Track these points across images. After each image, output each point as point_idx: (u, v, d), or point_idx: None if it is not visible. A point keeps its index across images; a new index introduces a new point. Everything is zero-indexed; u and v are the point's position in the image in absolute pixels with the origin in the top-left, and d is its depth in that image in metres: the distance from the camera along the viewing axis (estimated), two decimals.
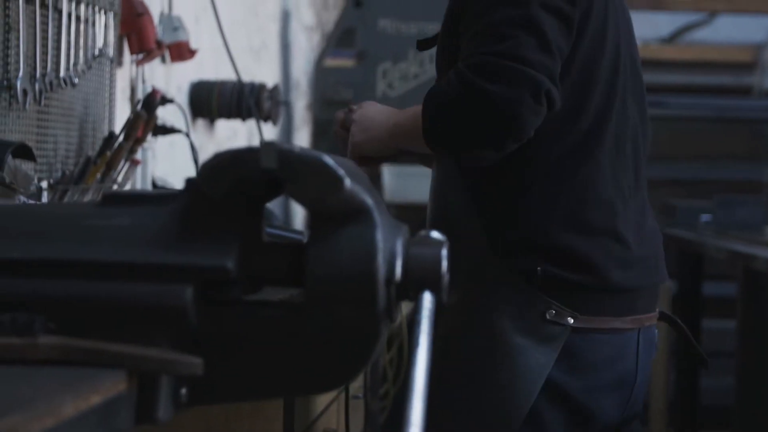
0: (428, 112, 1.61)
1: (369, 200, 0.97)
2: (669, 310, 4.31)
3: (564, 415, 1.67)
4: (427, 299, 0.98)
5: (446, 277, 1.00)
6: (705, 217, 4.09)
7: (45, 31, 2.20)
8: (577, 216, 1.66)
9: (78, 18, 2.33)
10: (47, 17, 2.20)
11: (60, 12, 2.24)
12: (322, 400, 1.87)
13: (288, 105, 4.28)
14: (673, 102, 5.21)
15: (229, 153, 0.96)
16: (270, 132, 3.92)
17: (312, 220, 0.98)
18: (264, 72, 4.04)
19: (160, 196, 1.01)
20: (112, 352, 0.91)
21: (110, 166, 2.43)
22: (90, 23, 2.39)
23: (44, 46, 2.20)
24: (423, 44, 1.85)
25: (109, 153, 2.43)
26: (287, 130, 4.44)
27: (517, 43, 1.55)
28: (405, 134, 1.70)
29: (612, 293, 1.67)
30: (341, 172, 0.95)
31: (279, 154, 0.94)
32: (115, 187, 2.40)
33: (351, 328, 0.96)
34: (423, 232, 1.02)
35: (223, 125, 3.58)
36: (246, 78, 3.36)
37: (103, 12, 2.46)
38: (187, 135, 2.79)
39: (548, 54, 1.56)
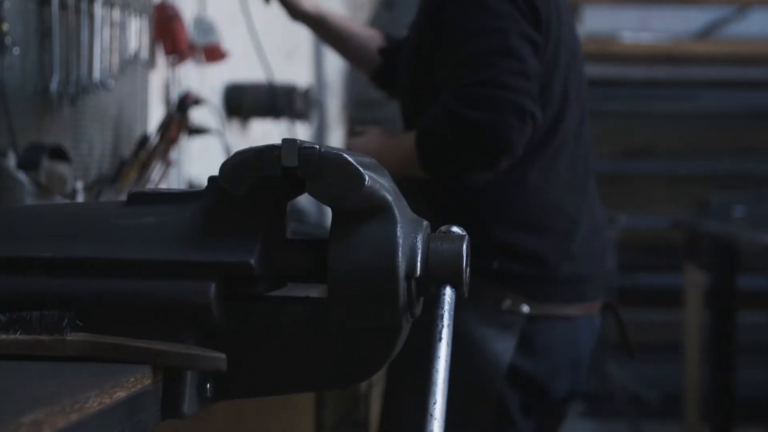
0: (424, 147, 1.75)
1: (389, 197, 0.98)
2: (703, 304, 4.29)
3: (521, 396, 1.83)
4: (448, 294, 0.99)
5: (467, 272, 1.01)
6: (739, 211, 4.07)
7: (79, 35, 2.24)
8: (528, 217, 1.83)
9: (112, 22, 2.36)
10: (81, 22, 2.23)
11: (94, 16, 2.28)
12: (354, 393, 1.89)
13: (321, 105, 4.30)
14: (706, 96, 5.18)
15: (251, 151, 0.98)
16: (304, 132, 3.95)
17: (333, 217, 0.99)
18: (297, 72, 4.06)
19: (184, 194, 1.02)
20: (137, 348, 0.93)
21: (145, 167, 2.46)
22: (124, 27, 2.43)
23: (78, 50, 2.23)
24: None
25: (143, 154, 2.46)
26: (321, 130, 4.46)
27: (500, 71, 1.69)
28: (401, 165, 1.79)
29: (562, 283, 1.84)
30: (361, 169, 0.96)
31: (300, 151, 0.96)
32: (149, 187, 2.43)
33: (372, 324, 0.97)
34: (444, 228, 1.03)
35: (257, 125, 3.60)
36: (279, 79, 3.38)
37: (136, 16, 2.49)
38: (220, 135, 2.82)
39: (527, 78, 1.72)
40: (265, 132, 3.64)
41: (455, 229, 1.03)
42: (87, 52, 2.26)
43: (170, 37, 2.74)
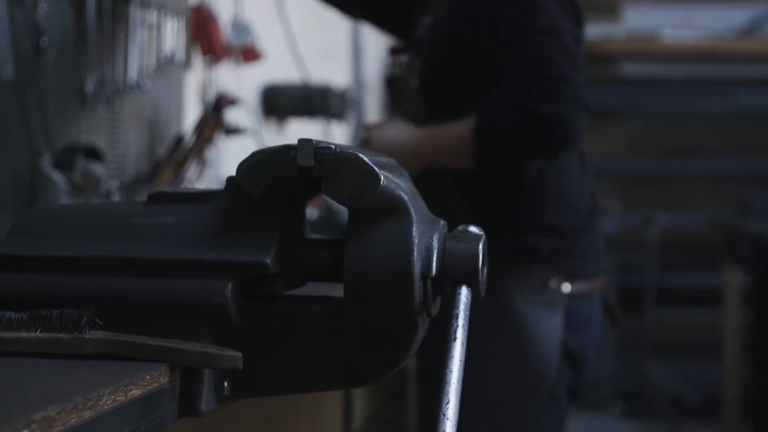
0: (487, 138, 1.84)
1: (404, 197, 0.98)
2: (743, 304, 4.24)
3: (568, 375, 1.94)
4: (464, 294, 1.00)
5: (484, 271, 1.01)
6: None
7: (115, 37, 2.26)
8: (566, 201, 1.98)
9: (147, 24, 2.39)
10: (117, 24, 2.26)
11: (130, 19, 2.30)
12: (384, 393, 1.89)
13: (359, 105, 4.31)
14: (747, 95, 5.13)
15: (267, 151, 0.98)
16: (342, 132, 3.96)
17: (349, 217, 0.99)
18: (336, 72, 4.08)
19: (203, 194, 1.03)
20: (155, 347, 0.94)
21: (180, 167, 2.49)
22: (159, 29, 2.45)
23: (114, 52, 2.26)
24: (395, 51, 2.19)
25: (178, 154, 2.48)
26: (359, 130, 4.47)
27: (562, 67, 1.82)
28: (438, 154, 1.91)
29: (590, 259, 2.00)
30: (377, 169, 0.97)
31: (316, 151, 0.96)
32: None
33: (388, 323, 0.98)
34: (461, 227, 1.03)
35: (294, 126, 3.62)
36: (317, 79, 3.40)
37: (172, 17, 2.51)
38: (256, 135, 2.84)
39: (580, 73, 1.86)
40: (302, 132, 3.66)
41: (472, 228, 1.03)
42: (122, 53, 2.29)
43: (206, 38, 2.77)
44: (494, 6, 1.87)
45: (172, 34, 2.52)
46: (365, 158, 0.96)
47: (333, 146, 0.97)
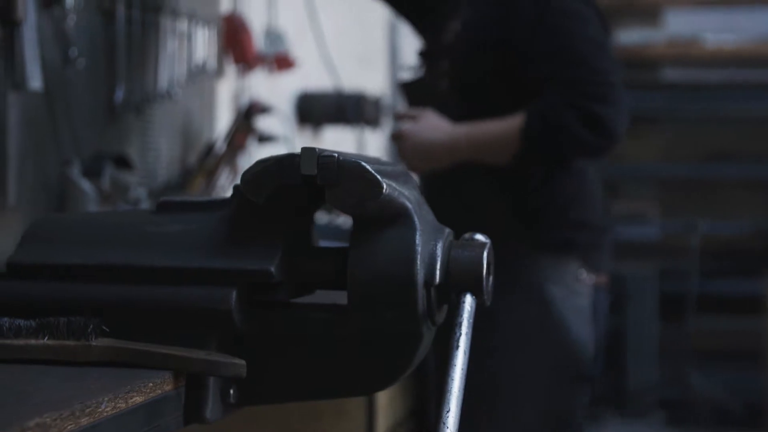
0: (539, 136, 1.92)
1: (408, 204, 0.98)
2: None
3: (587, 366, 2.05)
4: (468, 302, 0.99)
5: (488, 280, 1.01)
6: None
7: (146, 46, 2.29)
8: (592, 197, 2.10)
9: (178, 33, 2.41)
10: (147, 34, 2.28)
11: (160, 28, 2.33)
12: (407, 402, 1.89)
13: (394, 112, 4.31)
14: None
15: (271, 160, 0.99)
16: (377, 138, 3.97)
17: (353, 225, 0.99)
18: (372, 79, 4.09)
19: (210, 202, 1.04)
20: (160, 354, 0.95)
21: (211, 174, 2.51)
22: (190, 38, 2.47)
23: (144, 61, 2.28)
24: (407, 86, 2.25)
25: (210, 161, 2.50)
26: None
27: (610, 72, 1.95)
28: (478, 150, 1.97)
29: (604, 251, 2.10)
30: (379, 177, 0.97)
31: (319, 160, 0.96)
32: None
33: (392, 331, 0.98)
34: (467, 235, 1.03)
35: (329, 133, 3.63)
36: (353, 86, 3.41)
37: (203, 27, 2.54)
38: (288, 142, 2.85)
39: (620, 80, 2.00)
40: (338, 139, 3.67)
41: (478, 236, 1.03)
42: (153, 63, 2.31)
43: (238, 47, 2.79)
44: (543, 16, 1.96)
45: (204, 43, 2.54)
46: (368, 167, 0.97)
47: (336, 154, 0.97)
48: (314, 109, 3.35)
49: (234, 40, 2.78)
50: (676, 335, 5.27)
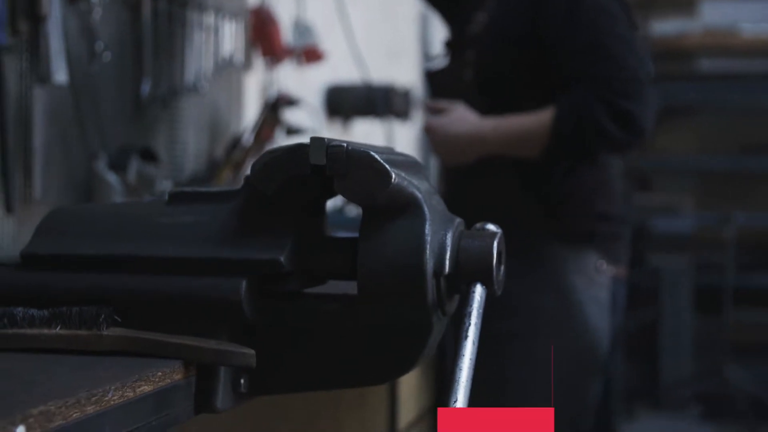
0: (571, 125, 1.93)
1: (418, 194, 0.98)
2: None
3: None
4: (478, 292, 0.99)
5: (499, 269, 1.00)
6: None
7: (172, 40, 2.30)
8: (613, 191, 2.12)
9: (205, 27, 2.42)
10: (173, 27, 2.29)
11: (186, 22, 2.34)
12: (429, 392, 1.90)
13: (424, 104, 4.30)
14: None
15: (280, 150, 0.99)
16: (407, 131, 3.96)
17: (363, 215, 0.99)
18: (401, 72, 4.08)
19: (222, 193, 1.05)
20: (170, 344, 0.96)
21: (238, 167, 2.51)
22: (217, 31, 2.48)
23: (171, 54, 2.30)
24: (431, 75, 2.27)
25: (237, 154, 2.51)
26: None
27: (639, 69, 1.96)
28: (507, 144, 1.99)
29: (623, 243, 2.11)
30: (388, 167, 0.96)
31: (327, 150, 0.96)
32: None
33: (402, 321, 0.97)
34: (479, 225, 1.03)
35: (359, 126, 3.63)
36: (384, 78, 3.40)
37: (230, 20, 2.54)
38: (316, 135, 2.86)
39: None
40: (367, 132, 3.67)
41: (489, 226, 1.02)
42: (179, 56, 2.32)
43: (266, 39, 2.79)
44: (573, 12, 1.97)
45: (231, 36, 2.55)
46: (377, 156, 0.96)
47: (344, 144, 0.97)
48: (344, 102, 3.35)
49: (262, 32, 2.78)
50: (711, 328, 5.22)
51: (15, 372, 0.88)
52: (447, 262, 0.97)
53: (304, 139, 0.99)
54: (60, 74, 1.83)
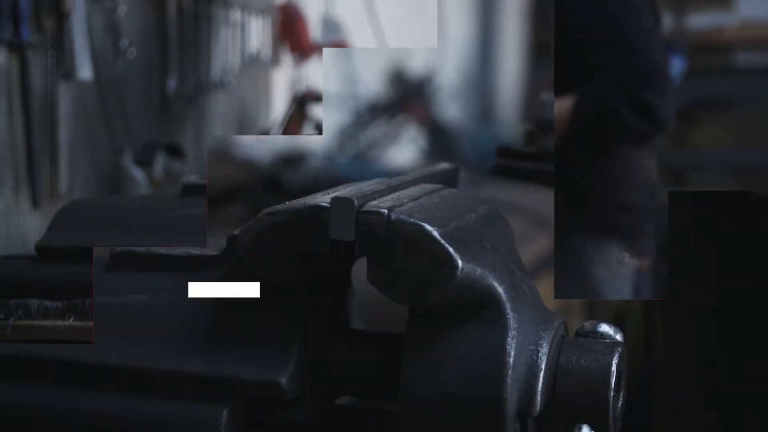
0: (589, 115, 1.94)
1: (498, 287, 0.65)
2: None
3: None
4: None
5: (617, 403, 0.67)
6: None
7: (198, 36, 2.31)
8: (638, 181, 2.08)
9: (231, 23, 2.43)
10: (199, 24, 2.31)
11: (212, 18, 2.35)
12: None
13: None
14: None
15: (283, 214, 0.66)
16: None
17: (410, 315, 0.67)
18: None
19: (198, 259, 0.84)
20: None
21: None
22: (244, 28, 2.49)
23: (197, 50, 2.31)
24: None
25: None
26: None
27: (660, 63, 1.95)
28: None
29: (648, 235, 2.06)
30: (452, 250, 0.62)
31: (358, 219, 0.63)
32: None
33: None
34: (588, 324, 0.69)
35: None
36: None
37: (257, 16, 2.55)
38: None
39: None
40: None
41: (605, 328, 0.69)
42: (205, 52, 2.33)
43: (294, 36, 2.80)
44: (599, 4, 2.00)
45: (257, 33, 2.56)
46: (435, 232, 0.62)
47: (385, 211, 0.62)
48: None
49: (290, 29, 2.79)
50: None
51: None
52: (538, 396, 0.66)
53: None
54: (84, 70, 1.84)
